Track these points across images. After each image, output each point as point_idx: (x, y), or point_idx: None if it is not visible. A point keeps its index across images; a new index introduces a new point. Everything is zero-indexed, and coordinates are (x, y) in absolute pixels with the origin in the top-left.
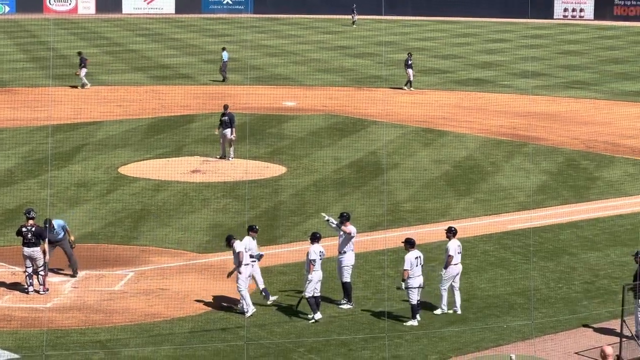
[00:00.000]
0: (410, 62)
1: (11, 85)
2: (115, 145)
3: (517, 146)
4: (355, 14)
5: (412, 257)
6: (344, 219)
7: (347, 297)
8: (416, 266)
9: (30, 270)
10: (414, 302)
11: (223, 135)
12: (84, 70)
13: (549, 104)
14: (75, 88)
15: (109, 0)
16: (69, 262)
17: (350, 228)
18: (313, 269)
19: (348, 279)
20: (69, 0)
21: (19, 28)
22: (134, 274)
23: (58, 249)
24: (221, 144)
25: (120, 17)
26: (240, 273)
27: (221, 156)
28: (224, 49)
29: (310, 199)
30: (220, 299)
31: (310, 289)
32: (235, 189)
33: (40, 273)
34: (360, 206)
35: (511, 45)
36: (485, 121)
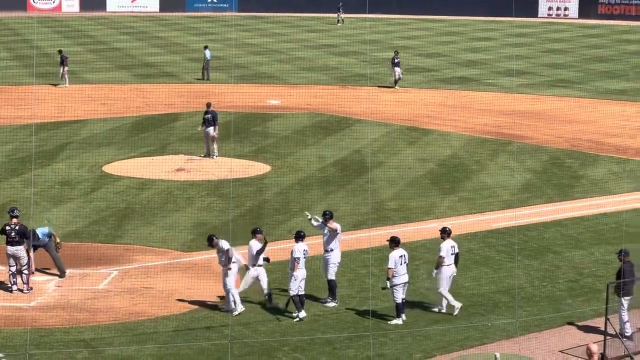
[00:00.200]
0: (397, 61)
1: None
2: (100, 143)
3: (502, 144)
4: (341, 12)
5: (397, 256)
6: (328, 217)
7: (332, 295)
8: (400, 265)
9: (13, 269)
10: (398, 301)
11: (206, 134)
12: (64, 68)
13: (533, 102)
14: (56, 86)
15: None
16: (55, 265)
17: (336, 224)
18: (297, 267)
19: (333, 276)
20: None
21: (2, 26)
22: (118, 273)
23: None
24: (205, 142)
25: (104, 15)
26: (230, 269)
27: (205, 154)
28: (206, 47)
29: (294, 197)
30: (205, 298)
31: (295, 287)
32: (220, 188)
33: (24, 272)
34: (344, 205)
35: (496, 44)
36: (469, 119)
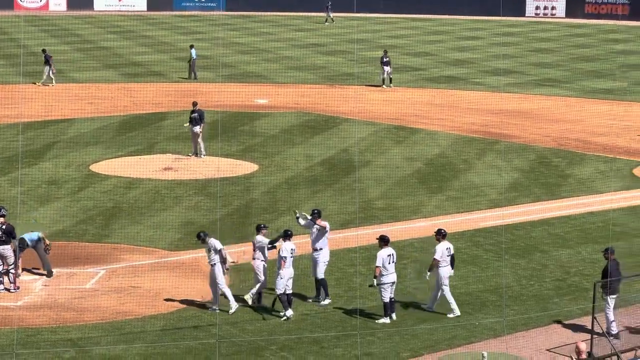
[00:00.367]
0: (386, 60)
1: None
2: (87, 142)
3: (489, 144)
4: (329, 10)
5: (385, 255)
6: (316, 215)
7: (325, 293)
8: (389, 264)
9: (0, 268)
10: (386, 300)
11: (193, 133)
12: (47, 68)
13: (520, 101)
14: (36, 84)
15: None
16: (42, 265)
17: (325, 222)
18: (284, 266)
19: (322, 275)
20: None
21: None
22: (106, 272)
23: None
24: (192, 142)
25: (91, 14)
26: (219, 268)
27: (193, 153)
28: (192, 46)
29: (282, 196)
30: (193, 297)
31: (282, 286)
32: (207, 187)
33: (10, 271)
34: (332, 204)
35: (483, 43)
36: (457, 119)
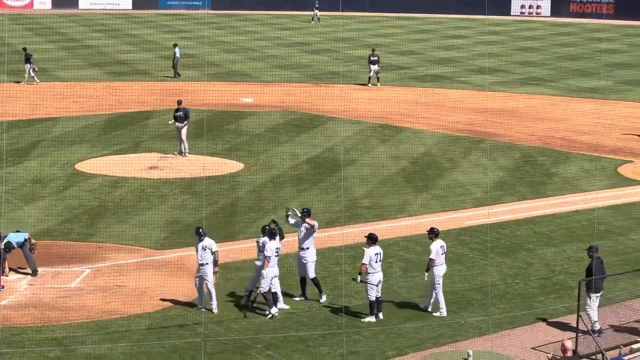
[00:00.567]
0: (374, 58)
1: None
2: (72, 141)
3: (475, 142)
4: (317, 10)
5: (372, 253)
6: (306, 214)
7: (319, 290)
8: (375, 262)
9: None
10: (372, 299)
11: (179, 131)
12: (28, 66)
13: (505, 100)
14: (32, 84)
15: None
16: (27, 263)
17: (314, 221)
18: (267, 265)
19: (314, 274)
20: None
21: None
22: (91, 271)
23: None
24: (178, 140)
25: (76, 13)
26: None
27: (179, 152)
28: (175, 45)
29: (267, 195)
30: (178, 296)
31: (266, 285)
32: (193, 185)
33: None
34: (317, 202)
35: (468, 42)
36: (442, 117)
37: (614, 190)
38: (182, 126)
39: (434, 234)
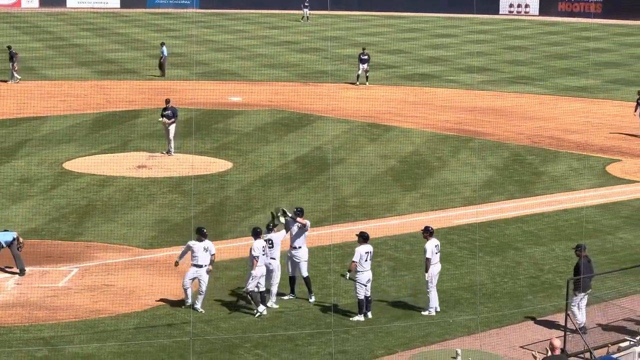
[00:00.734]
0: (364, 57)
1: None
2: (60, 140)
3: (463, 141)
4: (307, 8)
5: (363, 251)
6: (299, 214)
7: (309, 290)
8: (365, 261)
9: None
10: (360, 297)
11: (166, 130)
12: (16, 65)
13: (494, 99)
14: (6, 82)
15: None
16: (15, 262)
17: (306, 220)
18: (256, 264)
19: (306, 273)
20: None
21: None
22: (79, 270)
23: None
24: (166, 139)
25: (64, 11)
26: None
27: (167, 151)
28: (162, 44)
29: (256, 194)
30: (167, 295)
31: (252, 286)
32: (181, 184)
33: None
34: (306, 201)
35: (457, 41)
36: (431, 116)
37: (602, 189)
38: (170, 123)
39: (428, 232)
